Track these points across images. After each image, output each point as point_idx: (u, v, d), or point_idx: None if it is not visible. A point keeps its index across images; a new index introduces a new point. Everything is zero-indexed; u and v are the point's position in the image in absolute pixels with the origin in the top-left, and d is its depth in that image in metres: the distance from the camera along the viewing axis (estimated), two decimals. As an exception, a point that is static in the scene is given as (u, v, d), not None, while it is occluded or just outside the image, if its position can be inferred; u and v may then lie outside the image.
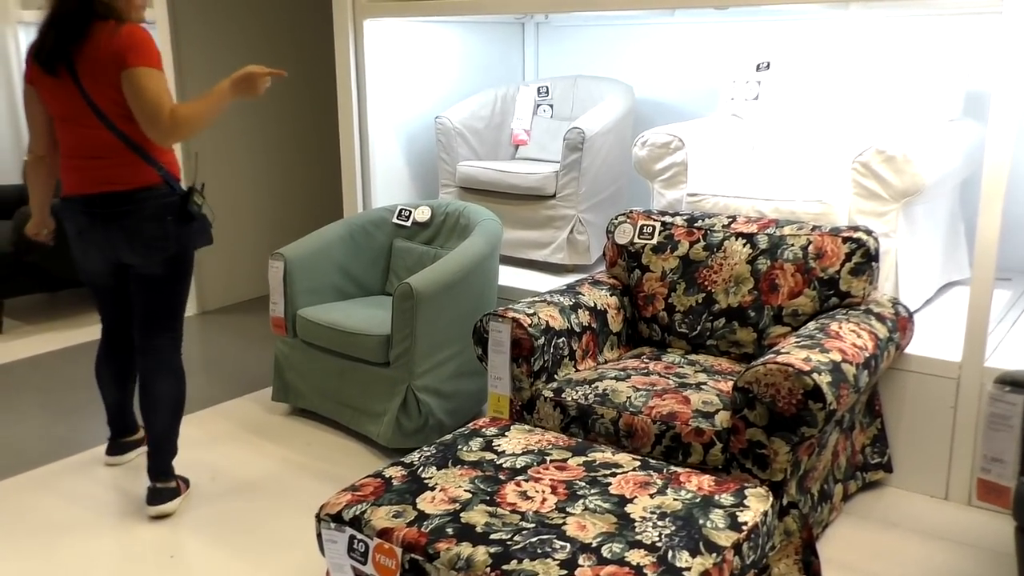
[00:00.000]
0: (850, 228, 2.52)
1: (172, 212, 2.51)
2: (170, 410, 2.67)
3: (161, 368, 2.66)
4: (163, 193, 2.50)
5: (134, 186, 2.48)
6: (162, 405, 2.65)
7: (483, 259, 3.03)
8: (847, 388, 2.07)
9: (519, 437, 2.09)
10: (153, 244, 2.52)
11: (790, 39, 3.60)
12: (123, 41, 2.37)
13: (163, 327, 2.65)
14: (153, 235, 2.51)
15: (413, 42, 3.79)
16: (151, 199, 2.49)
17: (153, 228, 2.50)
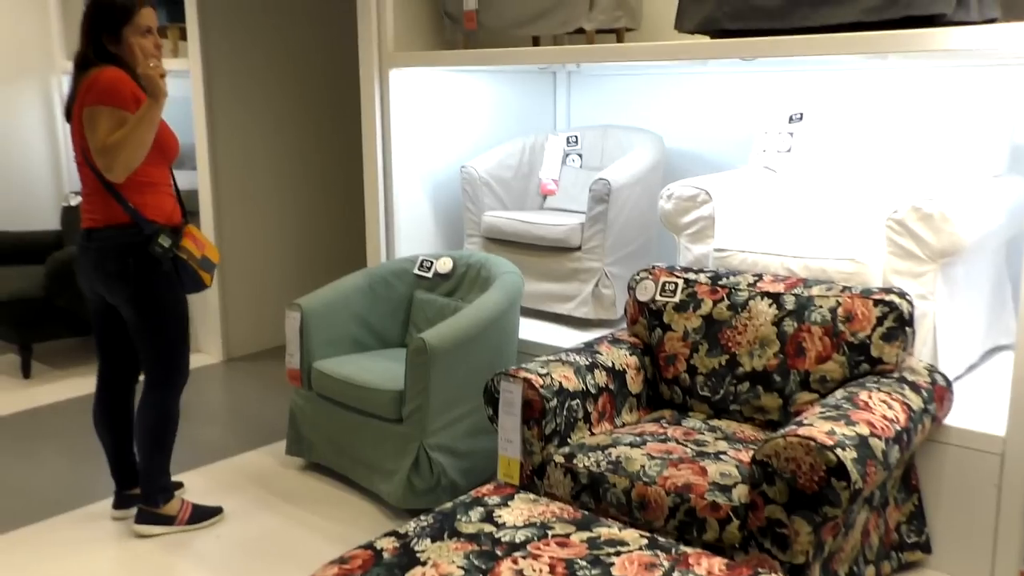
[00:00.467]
0: (882, 290, 2.39)
1: (134, 252, 2.56)
2: (148, 442, 2.71)
3: (142, 402, 2.72)
4: (129, 232, 2.56)
5: (105, 223, 2.57)
6: (139, 437, 2.72)
7: (501, 314, 2.94)
8: (875, 465, 1.93)
9: (522, 507, 1.98)
10: (114, 281, 2.59)
11: (825, 90, 3.49)
12: (89, 83, 2.48)
13: (153, 366, 2.71)
14: (114, 272, 2.58)
15: (440, 91, 3.76)
16: (116, 237, 2.56)
17: (114, 265, 2.57)
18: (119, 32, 2.52)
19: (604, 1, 3.20)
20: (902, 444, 2.08)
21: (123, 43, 2.53)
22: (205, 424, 3.68)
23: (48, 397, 3.98)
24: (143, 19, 2.54)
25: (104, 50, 2.54)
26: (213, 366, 4.45)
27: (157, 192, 2.61)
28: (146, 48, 2.55)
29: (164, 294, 2.63)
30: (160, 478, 2.74)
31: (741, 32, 2.83)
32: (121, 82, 2.47)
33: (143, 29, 2.54)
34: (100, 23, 2.52)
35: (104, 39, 2.52)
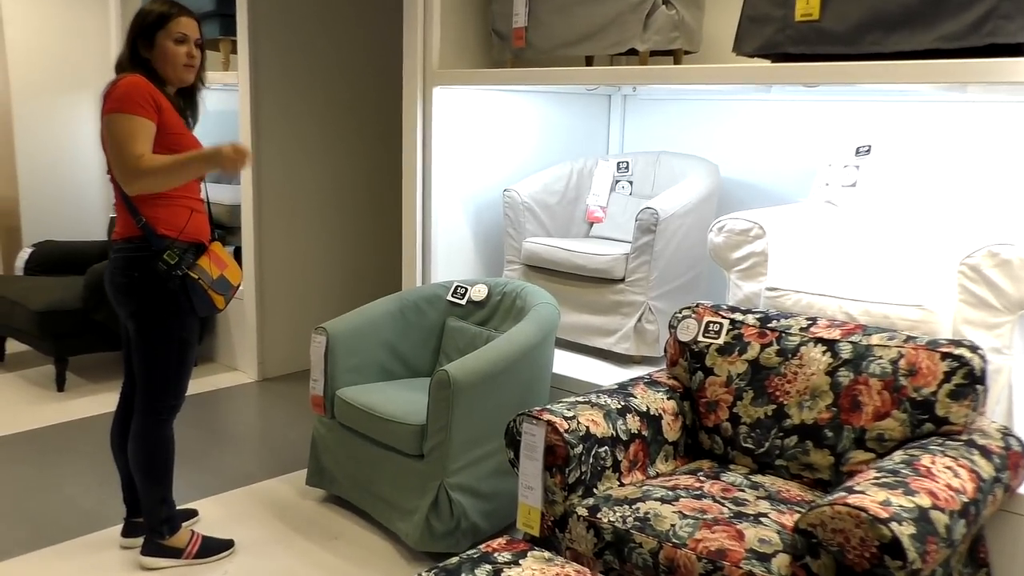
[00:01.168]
0: (951, 342, 2.15)
1: (139, 267, 2.46)
2: (141, 474, 2.60)
3: (134, 429, 2.60)
4: (137, 247, 2.47)
5: (120, 236, 2.51)
6: (133, 467, 2.61)
7: (532, 347, 2.77)
8: (936, 543, 1.70)
9: (534, 568, 1.80)
10: (120, 295, 2.52)
11: (895, 122, 3.25)
12: (109, 90, 2.41)
13: (142, 389, 2.58)
14: (120, 285, 2.50)
15: (486, 111, 3.63)
16: (125, 250, 2.48)
17: (121, 279, 2.50)
18: (153, 37, 2.47)
19: (659, 21, 3.02)
20: (969, 518, 1.84)
21: (156, 48, 2.47)
22: (229, 448, 3.57)
23: (79, 412, 3.92)
24: (179, 26, 2.48)
25: (137, 55, 2.48)
26: (247, 386, 4.36)
27: (172, 206, 2.49)
28: (178, 56, 2.48)
29: (166, 314, 2.50)
30: (159, 510, 2.61)
31: (804, 57, 2.63)
32: (136, 87, 2.39)
33: (176, 36, 2.48)
34: (137, 27, 2.48)
35: (139, 43, 2.48)
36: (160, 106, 2.42)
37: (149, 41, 2.47)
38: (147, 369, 2.55)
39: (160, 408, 2.58)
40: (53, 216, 5.12)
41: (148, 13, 2.47)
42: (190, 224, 2.54)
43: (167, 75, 2.48)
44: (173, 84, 2.52)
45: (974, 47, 2.28)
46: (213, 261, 2.56)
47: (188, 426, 3.77)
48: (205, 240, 2.59)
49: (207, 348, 4.73)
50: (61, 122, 5.10)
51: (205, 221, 2.62)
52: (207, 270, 2.53)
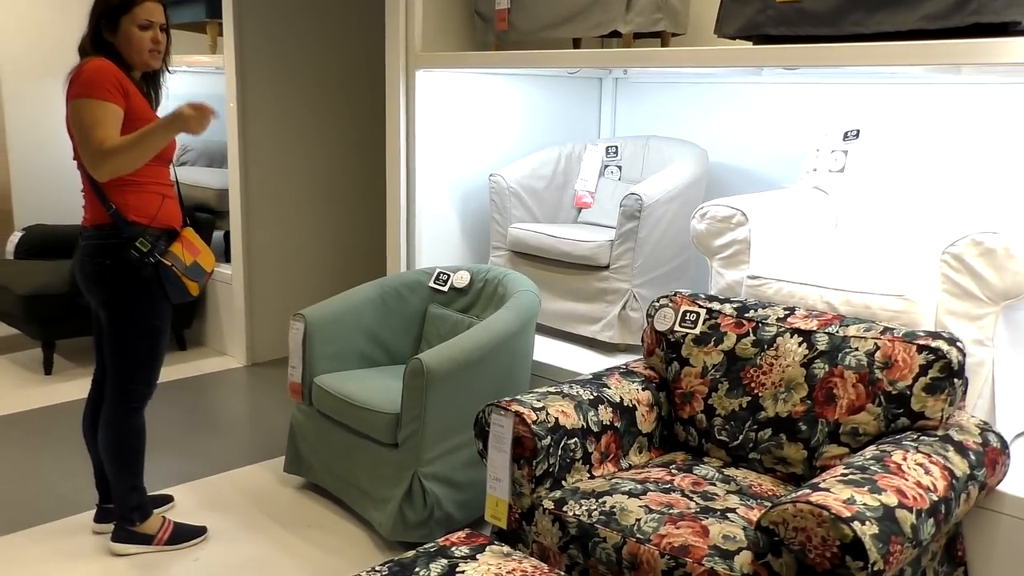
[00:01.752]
0: (929, 334, 2.09)
1: (110, 255, 2.43)
2: (111, 461, 2.58)
3: (105, 417, 2.58)
4: (107, 234, 2.43)
5: (89, 223, 2.48)
6: (103, 455, 2.60)
7: (510, 336, 2.72)
8: (900, 543, 1.65)
9: (491, 563, 1.76)
10: (90, 283, 2.48)
11: (886, 104, 3.18)
12: (74, 74, 2.38)
13: (113, 375, 2.55)
14: (91, 273, 2.47)
15: (472, 95, 3.57)
16: (95, 237, 2.45)
17: (91, 267, 2.46)
18: (117, 21, 2.42)
19: (642, 3, 2.95)
20: (939, 517, 1.79)
21: (120, 32, 2.42)
22: (211, 433, 3.55)
23: (65, 395, 3.91)
24: (144, 12, 2.43)
25: (101, 39, 2.43)
26: (236, 371, 4.34)
27: (143, 192, 2.46)
28: (143, 41, 2.43)
29: (138, 302, 2.48)
30: (129, 497, 2.59)
31: (786, 38, 2.56)
32: (103, 72, 2.34)
33: (141, 22, 2.43)
34: (101, 11, 2.43)
35: (102, 27, 2.42)
36: (127, 91, 2.39)
37: (113, 25, 2.42)
38: (119, 356, 2.52)
39: (132, 396, 2.56)
40: (44, 200, 5.10)
41: None
42: (161, 210, 2.51)
43: (132, 60, 2.44)
44: (138, 69, 2.48)
45: (958, 27, 2.21)
46: (186, 247, 2.53)
47: (172, 411, 3.76)
48: (177, 226, 2.56)
49: (197, 332, 4.71)
50: (51, 105, 5.07)
51: (176, 207, 2.58)
52: (180, 256, 2.50)
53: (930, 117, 3.01)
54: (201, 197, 4.61)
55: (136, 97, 2.42)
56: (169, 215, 2.54)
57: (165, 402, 3.85)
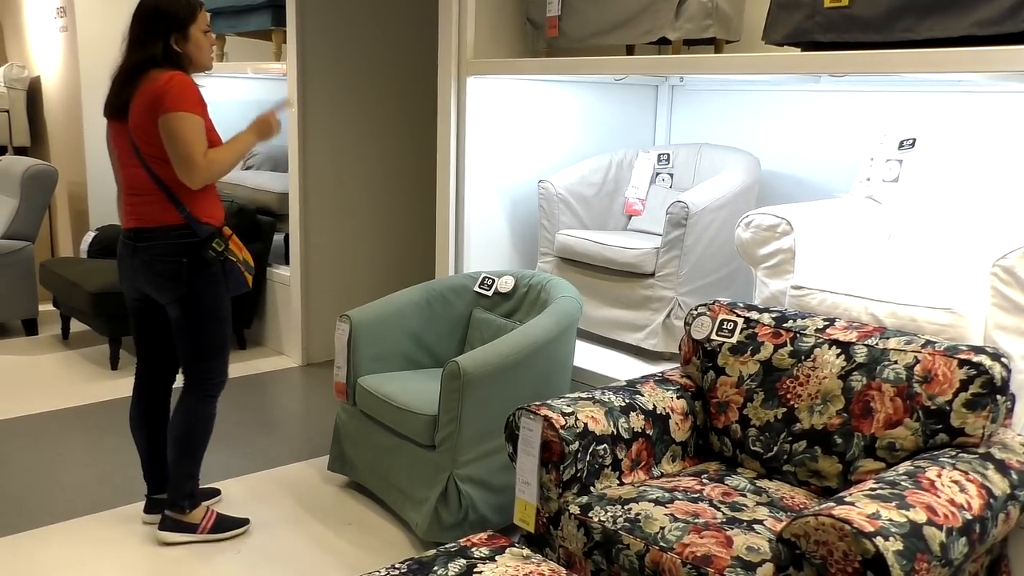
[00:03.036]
0: (971, 348, 2.02)
1: (187, 253, 2.56)
2: (177, 447, 2.69)
3: (178, 406, 2.71)
4: (182, 234, 2.56)
5: (157, 224, 2.56)
6: (171, 439, 2.70)
7: (548, 341, 2.73)
8: (927, 561, 1.60)
9: (509, 564, 1.77)
10: (163, 281, 2.58)
11: (943, 114, 3.08)
12: (161, 87, 2.46)
13: (189, 369, 2.69)
14: (164, 272, 2.57)
15: (524, 101, 3.59)
16: (169, 238, 2.56)
17: (165, 265, 2.56)
18: (187, 30, 2.56)
19: (692, 9, 2.94)
20: (972, 536, 1.73)
21: (191, 41, 2.57)
22: (263, 430, 3.64)
23: (128, 390, 4.03)
24: (204, 18, 2.61)
25: (170, 51, 2.54)
26: (290, 370, 4.44)
27: (209, 196, 2.61)
28: (207, 45, 2.62)
29: (211, 296, 2.62)
30: (187, 484, 2.70)
31: (835, 45, 2.51)
32: (190, 86, 2.50)
33: (204, 27, 2.60)
34: (170, 23, 2.54)
35: (174, 39, 2.55)
36: (203, 102, 2.54)
37: (184, 35, 2.55)
38: (194, 348, 2.67)
39: (208, 385, 2.71)
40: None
41: (177, 8, 2.54)
42: (218, 211, 2.66)
43: (201, 63, 2.60)
44: (201, 71, 2.63)
45: (1011, 33, 2.14)
46: (234, 244, 2.67)
47: (226, 408, 3.86)
48: (221, 226, 2.67)
49: (256, 333, 4.83)
50: (127, 110, 5.28)
51: (221, 209, 2.71)
52: (237, 253, 2.66)
53: (988, 127, 2.92)
54: (263, 201, 4.74)
55: (206, 107, 2.56)
56: (221, 216, 2.68)
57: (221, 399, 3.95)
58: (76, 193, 5.38)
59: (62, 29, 5.27)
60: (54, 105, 5.53)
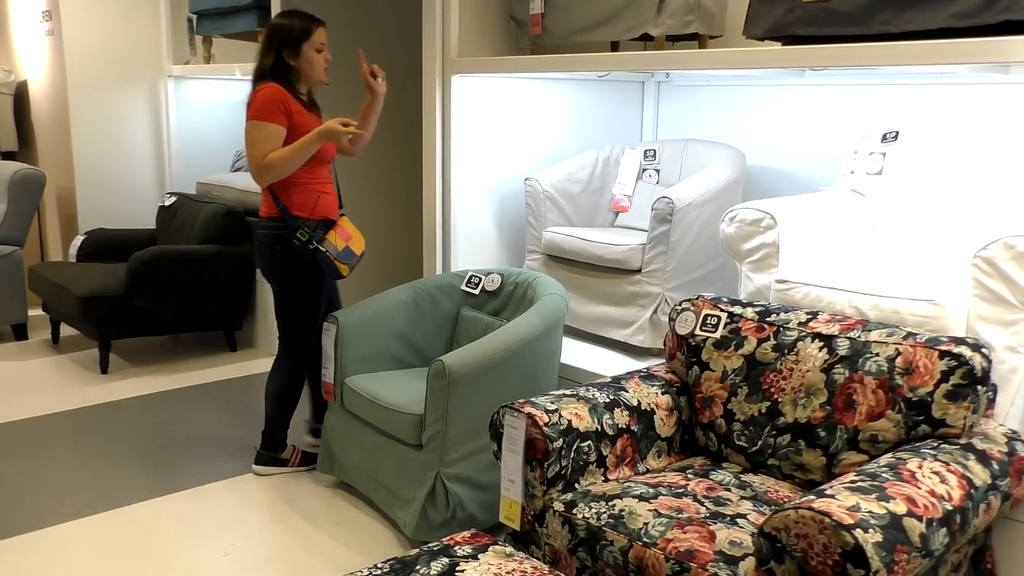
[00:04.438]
0: (952, 339, 2.02)
1: (279, 242, 2.98)
2: (273, 400, 3.17)
3: (274, 367, 3.18)
4: (278, 225, 2.97)
5: (263, 215, 3.05)
6: (269, 395, 3.19)
7: (534, 338, 2.73)
8: (907, 552, 1.60)
9: (491, 563, 1.77)
10: (264, 264, 3.07)
11: (926, 106, 3.09)
12: (252, 97, 2.90)
13: (282, 335, 3.14)
14: (264, 256, 3.05)
15: (511, 99, 3.59)
16: (268, 228, 3.01)
17: (264, 251, 3.04)
18: (299, 47, 2.91)
19: (673, 5, 2.93)
20: (952, 527, 1.73)
21: (301, 57, 2.92)
22: (253, 432, 3.64)
23: (120, 393, 4.06)
24: (319, 36, 2.95)
25: (281, 64, 2.91)
26: (281, 371, 4.43)
27: (305, 191, 2.97)
28: (319, 62, 2.96)
29: (300, 281, 3.02)
30: (280, 432, 3.20)
31: (815, 39, 2.52)
32: (271, 98, 2.85)
33: (317, 45, 2.94)
34: (283, 40, 2.91)
35: (286, 54, 2.91)
36: (290, 111, 2.89)
37: (296, 51, 2.91)
38: (286, 324, 3.11)
39: (295, 352, 3.14)
40: (107, 205, 5.30)
41: (292, 27, 2.91)
42: (319, 204, 3.00)
43: (310, 78, 2.96)
44: (311, 85, 3.01)
45: (989, 24, 2.14)
46: (339, 234, 3.02)
47: (217, 410, 3.86)
48: (334, 216, 3.07)
49: (247, 334, 4.83)
50: (114, 114, 5.27)
51: (333, 201, 3.08)
52: (334, 243, 3.00)
53: (972, 118, 2.92)
54: (251, 202, 4.73)
55: (299, 114, 2.91)
56: (326, 208, 3.04)
57: (211, 401, 3.97)
58: (65, 197, 5.37)
59: (48, 33, 5.25)
60: (41, 109, 5.52)
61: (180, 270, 4.33)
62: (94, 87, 5.19)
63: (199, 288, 4.41)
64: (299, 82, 2.97)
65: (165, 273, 4.28)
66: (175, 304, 4.36)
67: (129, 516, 2.89)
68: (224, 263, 4.49)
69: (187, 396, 4.04)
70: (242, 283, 4.60)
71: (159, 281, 4.27)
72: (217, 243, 4.51)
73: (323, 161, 3.01)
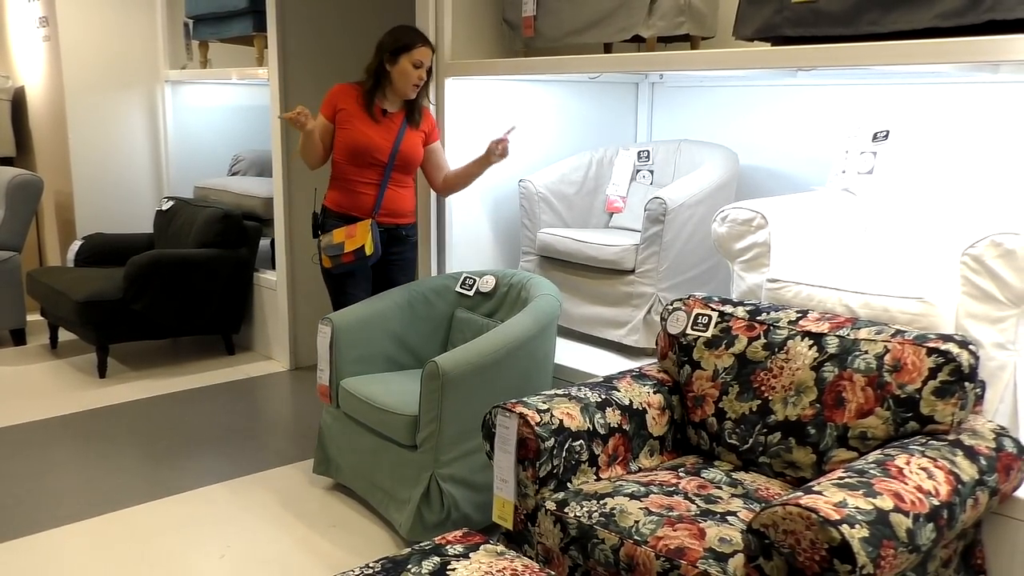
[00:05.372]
0: (940, 337, 2.04)
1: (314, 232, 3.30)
2: None
3: None
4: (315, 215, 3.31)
5: None
6: None
7: (527, 339, 2.75)
8: (894, 547, 1.62)
9: (483, 562, 1.79)
10: None
11: (917, 105, 3.11)
12: None
13: None
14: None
15: (505, 101, 3.61)
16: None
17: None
18: (398, 56, 3.07)
19: (664, 6, 2.95)
20: (940, 522, 1.75)
21: (397, 65, 3.08)
22: (250, 434, 3.65)
23: (118, 397, 4.07)
24: (419, 53, 3.09)
25: (381, 65, 3.10)
26: (278, 375, 4.45)
27: (340, 187, 3.20)
28: (411, 76, 3.09)
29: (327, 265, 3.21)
30: None
31: (803, 39, 2.53)
32: (332, 93, 3.17)
33: (415, 60, 3.08)
34: (388, 47, 3.09)
35: (386, 59, 3.09)
36: (339, 107, 3.14)
37: (395, 58, 3.07)
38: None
39: None
40: (104, 210, 5.31)
41: (400, 38, 3.09)
42: (347, 200, 3.20)
43: (397, 87, 3.10)
44: (398, 96, 3.15)
45: (974, 24, 2.16)
46: (347, 232, 3.14)
47: (214, 413, 3.88)
48: (360, 215, 3.19)
49: (244, 337, 4.85)
50: (112, 119, 5.29)
51: (365, 201, 3.19)
52: (332, 236, 3.15)
53: (962, 117, 2.94)
54: (249, 206, 4.76)
55: (351, 113, 3.13)
56: (354, 206, 3.20)
57: (209, 405, 3.99)
58: (62, 202, 5.39)
59: (45, 38, 5.27)
60: (39, 114, 5.54)
61: (178, 274, 4.35)
62: (91, 92, 5.21)
63: (197, 292, 4.43)
64: (389, 89, 3.12)
65: (163, 277, 4.30)
66: (173, 308, 4.38)
67: (126, 519, 2.90)
68: (222, 267, 4.50)
69: (185, 400, 4.05)
70: (240, 287, 4.61)
71: (157, 285, 4.28)
72: (215, 247, 4.53)
73: (367, 163, 3.14)
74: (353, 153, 3.13)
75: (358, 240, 3.11)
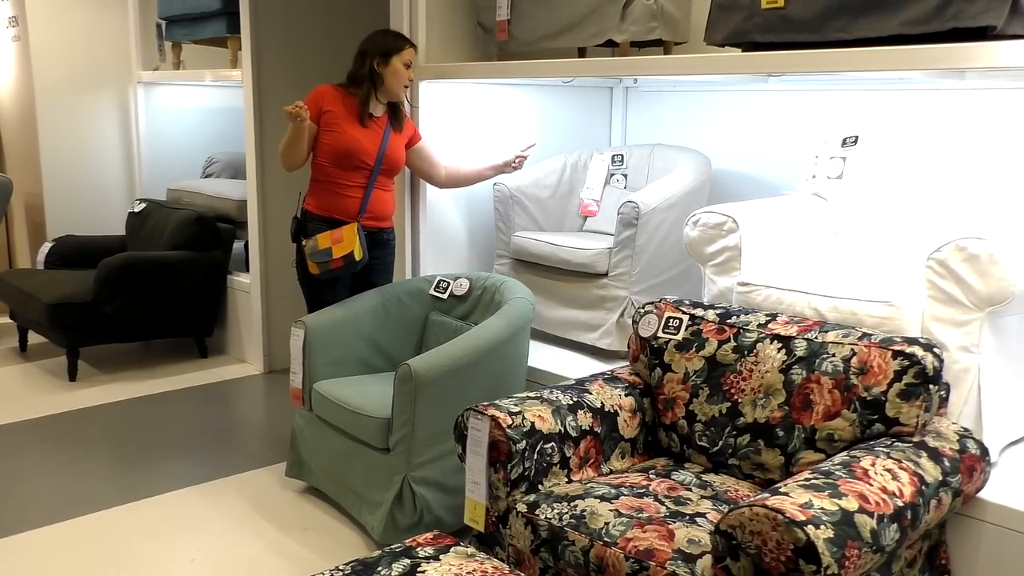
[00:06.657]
0: (905, 340, 2.07)
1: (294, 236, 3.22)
2: None
3: None
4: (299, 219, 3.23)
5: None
6: None
7: (500, 342, 2.75)
8: (858, 548, 1.64)
9: (453, 563, 1.79)
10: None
11: (886, 111, 3.15)
12: None
13: None
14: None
15: (480, 105, 3.62)
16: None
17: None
18: (389, 58, 3.09)
19: (637, 12, 2.97)
20: (904, 522, 1.77)
21: (389, 67, 3.09)
22: (223, 438, 3.63)
23: (89, 400, 4.03)
24: (408, 54, 3.13)
25: (371, 68, 3.10)
26: (252, 378, 4.43)
27: (322, 191, 3.16)
28: (403, 76, 3.12)
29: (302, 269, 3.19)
30: None
31: (772, 45, 2.56)
32: (316, 94, 3.13)
33: (406, 60, 3.12)
34: (376, 48, 3.10)
35: (376, 60, 3.09)
36: (324, 109, 3.11)
37: (386, 60, 3.09)
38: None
39: None
40: (75, 212, 5.26)
41: (388, 40, 3.12)
42: (329, 203, 3.15)
43: (389, 88, 3.11)
44: (388, 97, 3.16)
45: (938, 32, 2.19)
46: (334, 236, 3.08)
47: (187, 417, 3.85)
48: (346, 219, 3.14)
49: (218, 340, 4.82)
50: (83, 120, 5.24)
51: (349, 204, 3.15)
52: (317, 241, 3.08)
53: (930, 123, 2.99)
54: (222, 208, 4.73)
55: (334, 114, 3.10)
56: (338, 209, 3.15)
57: (181, 408, 3.96)
58: (33, 204, 5.33)
59: (14, 38, 5.22)
60: (8, 115, 5.48)
61: (150, 277, 4.32)
62: (62, 93, 5.16)
63: (169, 295, 4.40)
64: (380, 90, 3.13)
65: (135, 280, 4.27)
66: (145, 311, 4.34)
67: (97, 523, 2.88)
68: (194, 269, 4.47)
69: (157, 403, 4.02)
70: (213, 289, 4.59)
71: (129, 288, 4.25)
72: (187, 249, 4.50)
73: (353, 166, 3.12)
74: (340, 156, 3.10)
75: (346, 246, 3.08)
